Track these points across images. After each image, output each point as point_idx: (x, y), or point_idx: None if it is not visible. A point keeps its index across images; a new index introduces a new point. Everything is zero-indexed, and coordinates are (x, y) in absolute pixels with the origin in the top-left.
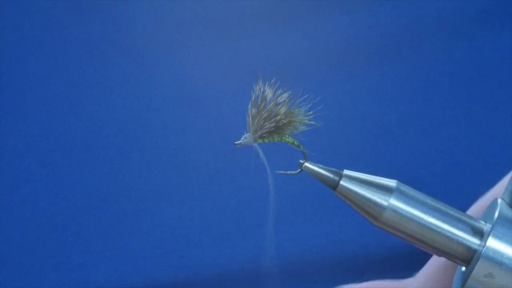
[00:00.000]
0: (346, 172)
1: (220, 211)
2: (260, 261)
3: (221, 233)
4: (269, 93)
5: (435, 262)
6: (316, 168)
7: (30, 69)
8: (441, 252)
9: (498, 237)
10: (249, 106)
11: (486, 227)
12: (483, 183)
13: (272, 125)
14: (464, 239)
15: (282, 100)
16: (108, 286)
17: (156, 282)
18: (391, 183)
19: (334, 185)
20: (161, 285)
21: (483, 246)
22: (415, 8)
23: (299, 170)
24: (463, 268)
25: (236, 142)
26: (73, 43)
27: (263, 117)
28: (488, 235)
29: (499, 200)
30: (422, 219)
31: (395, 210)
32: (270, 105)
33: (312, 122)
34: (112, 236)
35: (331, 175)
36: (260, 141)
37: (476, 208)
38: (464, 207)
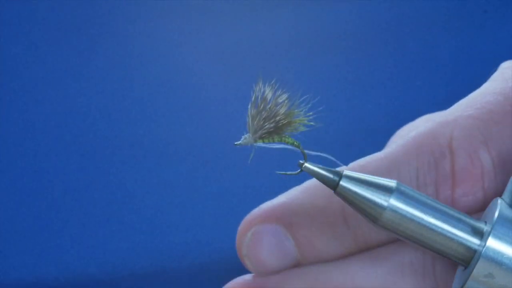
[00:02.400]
0: (346, 172)
1: (216, 209)
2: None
3: (216, 229)
4: (269, 93)
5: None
6: (316, 169)
7: (12, 60)
8: (441, 252)
9: (498, 237)
10: (248, 107)
11: (486, 227)
12: None
13: (271, 125)
14: (464, 239)
15: (281, 100)
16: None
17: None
18: (391, 183)
19: (334, 186)
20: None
21: (483, 246)
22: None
23: (299, 170)
24: (463, 268)
25: (236, 143)
26: (61, 34)
27: (263, 117)
28: (488, 235)
29: (499, 200)
30: (422, 219)
31: (395, 211)
32: (270, 105)
33: (312, 123)
34: (98, 225)
35: (331, 176)
36: (260, 141)
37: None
38: None
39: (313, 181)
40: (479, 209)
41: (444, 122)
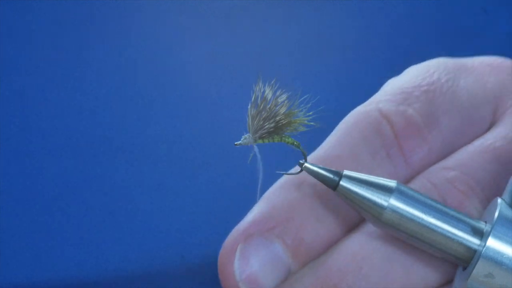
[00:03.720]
0: (346, 172)
1: (215, 209)
2: None
3: (215, 229)
4: (268, 93)
5: None
6: (316, 169)
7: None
8: (441, 252)
9: (498, 237)
10: (248, 107)
11: (486, 227)
12: None
13: (271, 125)
14: (464, 239)
15: (281, 100)
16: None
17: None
18: (391, 183)
19: (334, 185)
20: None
21: (483, 246)
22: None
23: (300, 170)
24: (463, 269)
25: (236, 143)
26: (57, 34)
27: (263, 117)
28: (488, 235)
29: (499, 200)
30: (422, 219)
31: (395, 210)
32: (270, 105)
33: (312, 123)
34: (98, 225)
35: (331, 175)
36: (260, 141)
37: None
38: None
39: (279, 182)
40: (430, 163)
41: (366, 103)
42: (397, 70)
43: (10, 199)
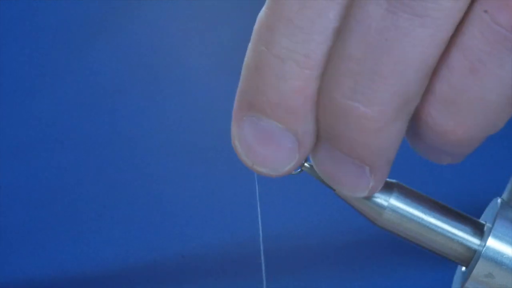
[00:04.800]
0: None
1: (215, 207)
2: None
3: (214, 227)
4: None
5: None
6: None
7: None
8: (441, 252)
9: (498, 237)
10: None
11: (486, 227)
12: (484, 183)
13: None
14: (464, 239)
15: None
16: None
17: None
18: (392, 183)
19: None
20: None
21: (483, 246)
22: None
23: (300, 170)
24: (463, 268)
25: None
26: (56, 32)
27: None
28: (488, 235)
29: (499, 200)
30: (422, 219)
31: (395, 211)
32: None
33: None
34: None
35: None
36: None
37: None
38: (464, 208)
39: None
40: None
41: None
42: None
43: (7, 195)
